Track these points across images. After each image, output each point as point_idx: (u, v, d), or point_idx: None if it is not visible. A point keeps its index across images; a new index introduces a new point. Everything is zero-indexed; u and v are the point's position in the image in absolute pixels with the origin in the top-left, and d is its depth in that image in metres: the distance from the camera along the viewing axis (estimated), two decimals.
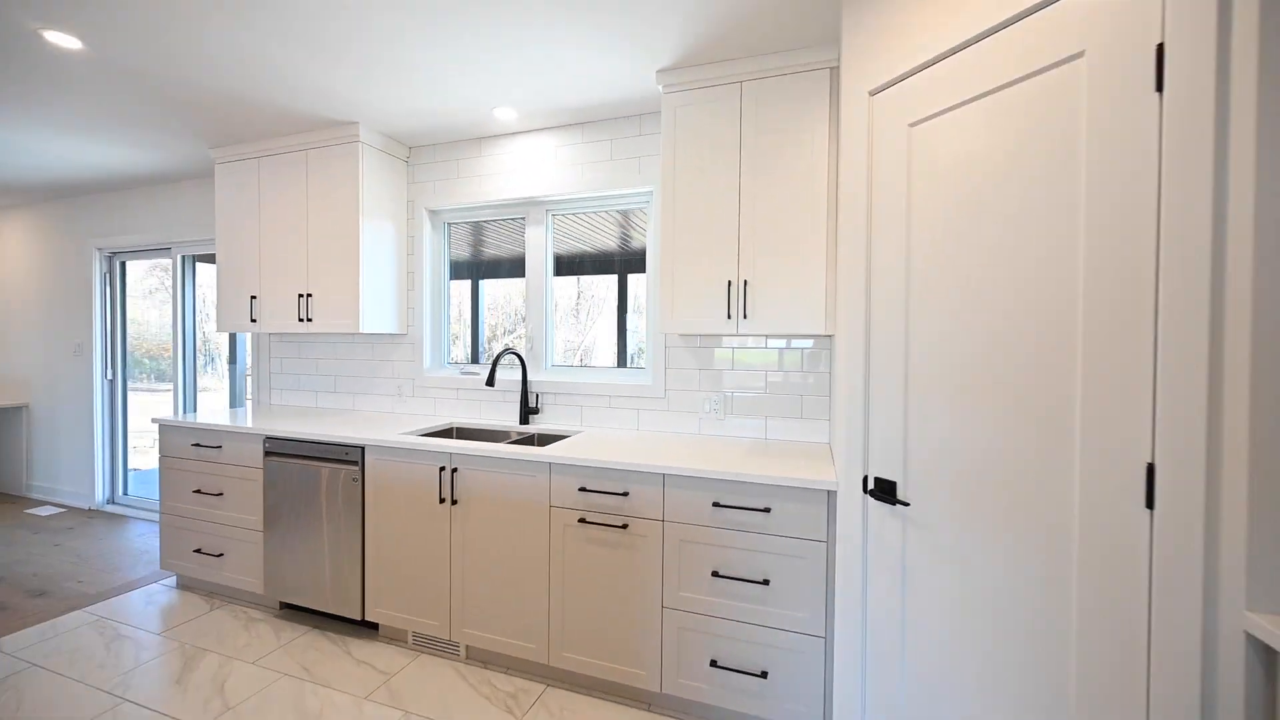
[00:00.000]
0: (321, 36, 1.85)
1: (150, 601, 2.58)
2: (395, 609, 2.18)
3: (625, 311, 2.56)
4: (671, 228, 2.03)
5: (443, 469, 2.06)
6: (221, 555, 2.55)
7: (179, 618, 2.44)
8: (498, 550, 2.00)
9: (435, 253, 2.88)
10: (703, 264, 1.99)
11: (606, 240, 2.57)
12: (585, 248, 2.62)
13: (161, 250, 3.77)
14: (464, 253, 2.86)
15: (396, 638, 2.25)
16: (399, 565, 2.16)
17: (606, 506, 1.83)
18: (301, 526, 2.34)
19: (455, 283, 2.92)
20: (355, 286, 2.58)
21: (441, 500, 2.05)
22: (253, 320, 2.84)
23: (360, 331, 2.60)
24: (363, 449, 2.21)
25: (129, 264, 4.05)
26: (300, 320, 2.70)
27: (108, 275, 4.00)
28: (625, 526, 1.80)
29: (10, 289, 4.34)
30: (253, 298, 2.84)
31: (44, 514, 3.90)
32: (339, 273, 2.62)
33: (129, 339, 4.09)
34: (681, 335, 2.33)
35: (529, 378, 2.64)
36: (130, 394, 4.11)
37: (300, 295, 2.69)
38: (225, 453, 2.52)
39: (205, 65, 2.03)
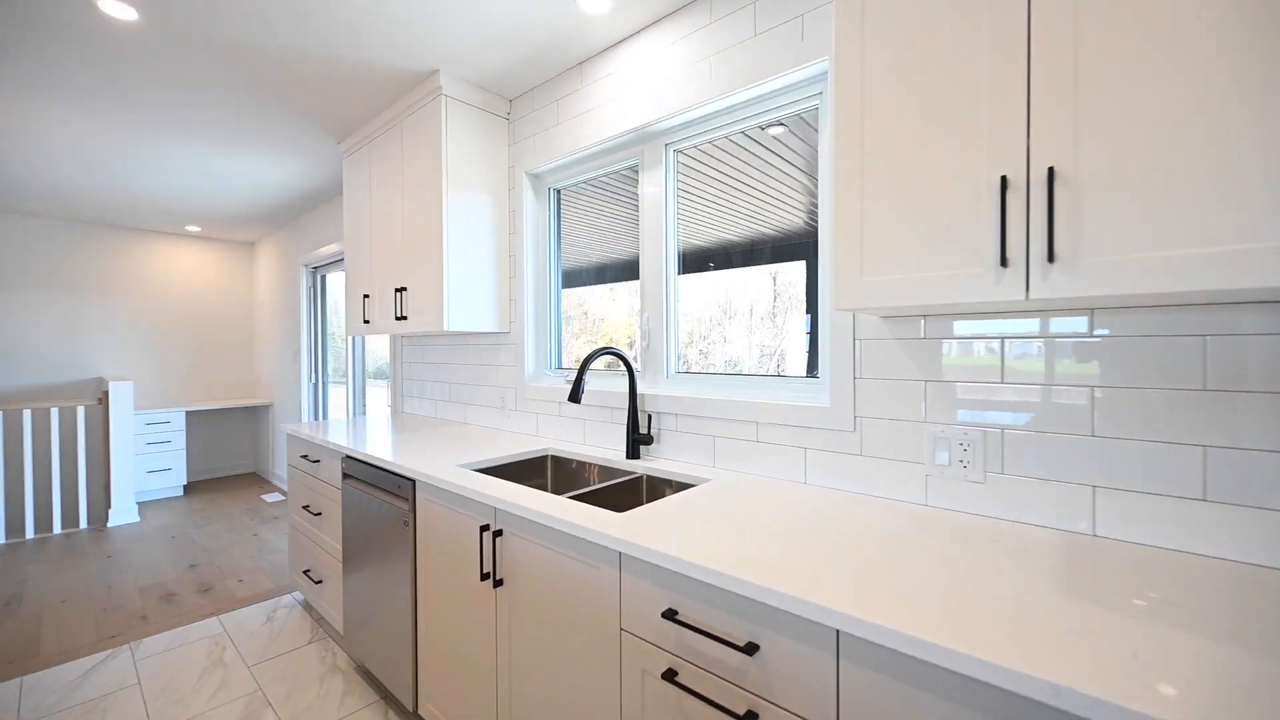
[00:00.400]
0: None
1: (271, 619, 2.46)
2: (446, 710, 1.56)
3: (815, 306, 1.56)
4: (858, 89, 1.01)
5: (484, 529, 1.37)
6: (320, 583, 2.29)
7: (280, 646, 2.22)
8: (552, 676, 1.22)
9: (539, 229, 2.26)
10: (933, 151, 0.92)
11: (768, 205, 1.61)
12: (762, 228, 1.70)
13: (338, 260, 3.97)
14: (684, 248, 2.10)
15: None
16: (450, 654, 1.54)
17: (714, 662, 0.90)
18: (367, 571, 1.90)
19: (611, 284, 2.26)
20: (439, 275, 2.10)
21: (484, 576, 1.35)
22: (365, 321, 2.60)
23: (445, 330, 2.10)
24: (414, 484, 1.66)
25: (328, 275, 4.43)
26: (397, 319, 2.33)
27: (312, 288, 4.42)
28: (752, 719, 0.85)
29: (263, 306, 5.17)
30: (365, 296, 2.59)
31: (270, 500, 4.46)
32: (425, 260, 2.17)
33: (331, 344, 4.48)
34: (886, 317, 1.26)
35: (639, 391, 1.82)
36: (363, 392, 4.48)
37: (397, 290, 2.33)
38: (322, 469, 2.26)
39: (256, 24, 1.71)
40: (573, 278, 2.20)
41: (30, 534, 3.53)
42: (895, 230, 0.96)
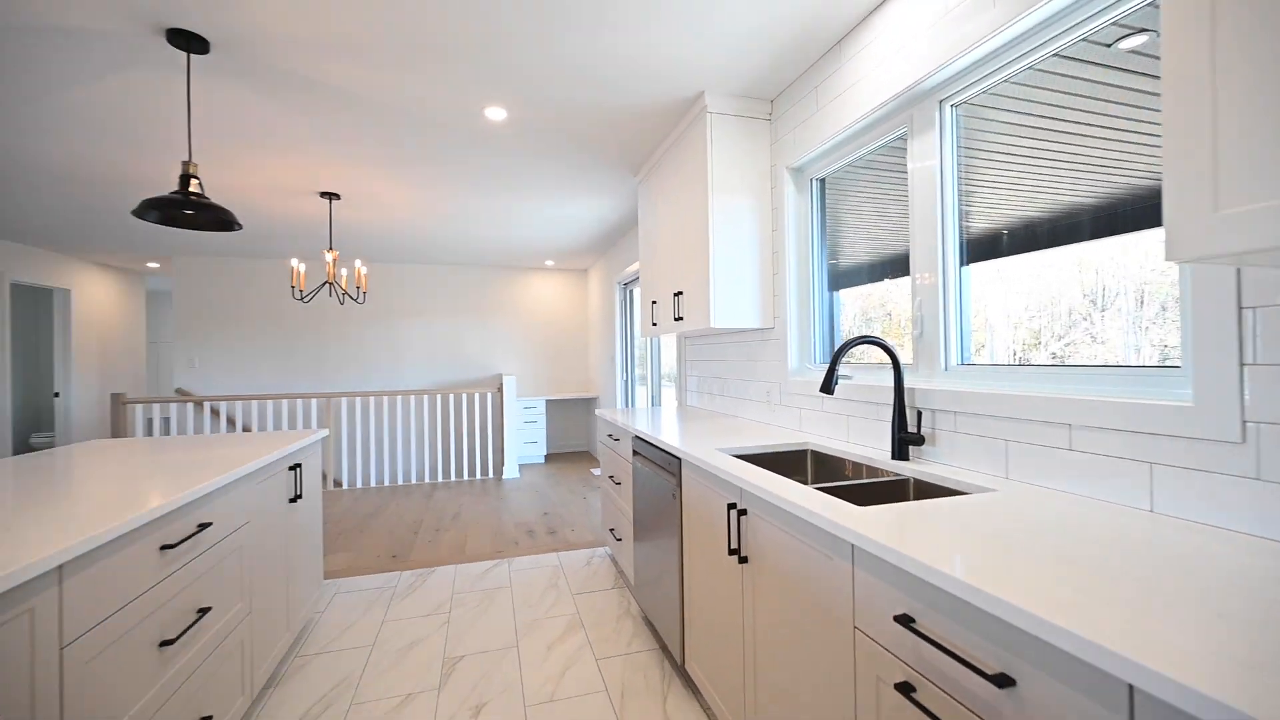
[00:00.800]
0: None
1: (589, 564, 3.10)
2: (706, 673, 1.71)
3: None
4: None
5: (731, 507, 1.45)
6: (620, 540, 2.77)
7: (592, 585, 2.79)
8: (789, 660, 1.21)
9: (800, 223, 2.24)
10: None
11: (1140, 150, 1.19)
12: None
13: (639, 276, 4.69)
14: (983, 221, 2.04)
15: (710, 709, 1.77)
16: (708, 621, 1.69)
17: (957, 686, 0.76)
18: (649, 535, 2.22)
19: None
20: (705, 276, 2.30)
21: (731, 552, 1.44)
22: (654, 324, 3.02)
23: (712, 327, 2.29)
24: (680, 461, 1.87)
25: (634, 290, 5.27)
26: (675, 319, 2.65)
27: (623, 302, 5.34)
28: None
29: (592, 319, 6.49)
30: (653, 302, 3.02)
31: (595, 473, 5.56)
32: (695, 263, 2.41)
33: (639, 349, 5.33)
34: None
35: (907, 385, 1.62)
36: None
37: (675, 294, 2.64)
38: (620, 446, 2.73)
39: (577, 95, 2.22)
40: (853, 276, 2.07)
41: (466, 476, 5.31)
42: None
